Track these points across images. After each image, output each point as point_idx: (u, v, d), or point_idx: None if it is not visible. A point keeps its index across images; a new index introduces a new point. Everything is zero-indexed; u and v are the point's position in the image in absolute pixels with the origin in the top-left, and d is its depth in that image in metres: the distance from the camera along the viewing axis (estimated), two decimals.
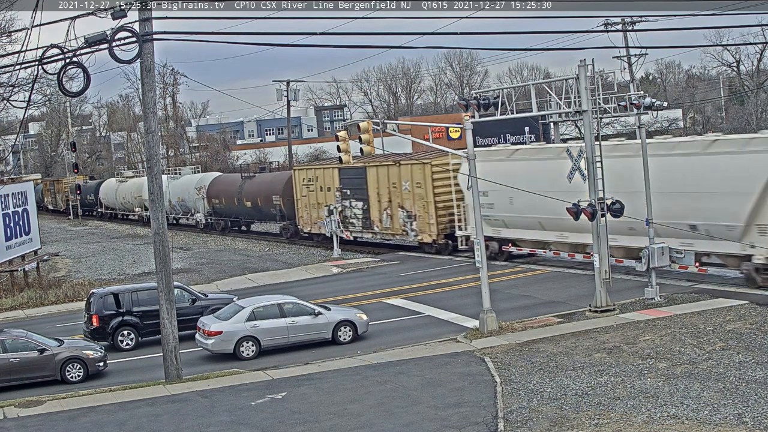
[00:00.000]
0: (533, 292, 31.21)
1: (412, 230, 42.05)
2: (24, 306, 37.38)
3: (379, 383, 20.75)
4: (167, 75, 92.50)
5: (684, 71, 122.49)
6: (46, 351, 24.26)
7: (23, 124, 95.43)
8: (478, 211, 26.21)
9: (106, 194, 79.62)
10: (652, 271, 27.28)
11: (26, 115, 60.97)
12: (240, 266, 44.58)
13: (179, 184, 64.41)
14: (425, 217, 41.00)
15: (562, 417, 17.16)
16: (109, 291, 29.15)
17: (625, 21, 57.45)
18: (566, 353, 21.93)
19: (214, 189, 59.46)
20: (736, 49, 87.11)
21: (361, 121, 26.98)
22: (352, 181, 46.07)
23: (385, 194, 43.79)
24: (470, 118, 26.95)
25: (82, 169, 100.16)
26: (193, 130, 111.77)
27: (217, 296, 31.06)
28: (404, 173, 42.08)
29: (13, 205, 42.34)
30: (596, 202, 26.08)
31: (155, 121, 23.02)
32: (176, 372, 22.83)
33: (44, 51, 20.95)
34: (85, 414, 20.14)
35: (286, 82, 72.88)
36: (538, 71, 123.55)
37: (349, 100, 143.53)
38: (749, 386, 17.99)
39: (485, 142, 59.50)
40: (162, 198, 23.36)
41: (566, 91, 27.07)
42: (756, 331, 22.34)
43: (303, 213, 50.14)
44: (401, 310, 30.41)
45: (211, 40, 23.07)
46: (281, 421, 18.40)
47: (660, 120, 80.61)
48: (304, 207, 49.97)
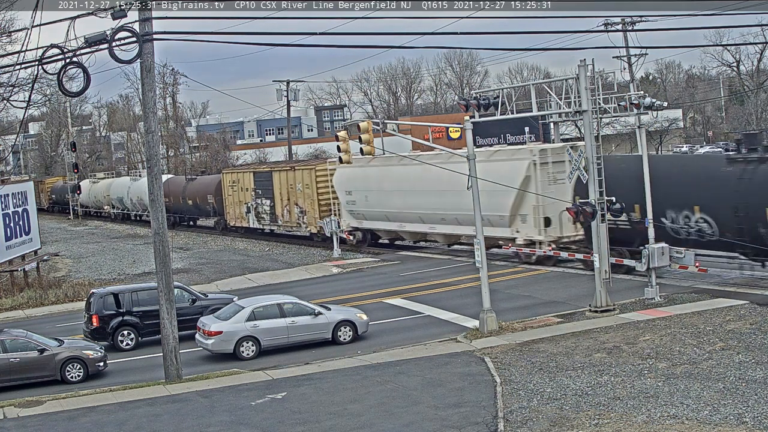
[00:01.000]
0: (533, 292, 31.21)
1: (304, 223, 49.79)
2: (24, 306, 37.38)
3: (379, 383, 20.75)
4: (167, 75, 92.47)
5: (684, 71, 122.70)
6: (46, 351, 24.25)
7: (23, 124, 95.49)
8: (478, 211, 26.18)
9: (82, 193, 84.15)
10: (652, 271, 27.28)
11: (26, 115, 61.14)
12: (240, 266, 44.58)
13: (138, 185, 70.36)
14: (312, 212, 48.68)
15: (562, 417, 17.16)
16: (109, 291, 29.14)
17: (625, 21, 57.44)
18: (566, 353, 21.93)
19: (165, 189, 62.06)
20: (736, 49, 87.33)
21: (361, 121, 26.98)
22: (263, 183, 53.37)
23: (285, 194, 51.35)
24: (470, 118, 26.97)
25: (82, 169, 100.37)
26: (193, 130, 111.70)
27: (217, 296, 31.07)
28: (298, 177, 49.72)
29: (13, 205, 42.35)
30: (596, 202, 26.10)
31: (155, 121, 23.02)
32: (176, 372, 22.83)
33: (44, 51, 20.96)
34: (85, 414, 20.14)
35: (286, 82, 72.91)
36: (538, 71, 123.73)
37: (349, 100, 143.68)
38: (749, 386, 17.99)
39: (485, 142, 59.58)
40: (162, 198, 23.37)
41: (566, 91, 27.08)
42: (756, 331, 22.35)
43: (230, 209, 58.44)
44: (401, 310, 30.41)
45: (211, 40, 23.09)
46: (281, 421, 18.40)
47: (660, 120, 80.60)
48: (230, 204, 58.20)
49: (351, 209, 45.29)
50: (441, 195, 38.34)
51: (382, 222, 44.42)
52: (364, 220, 45.34)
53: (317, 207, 47.93)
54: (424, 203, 40.23)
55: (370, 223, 45.13)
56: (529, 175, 34.84)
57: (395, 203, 42.17)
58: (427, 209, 40.30)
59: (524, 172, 34.92)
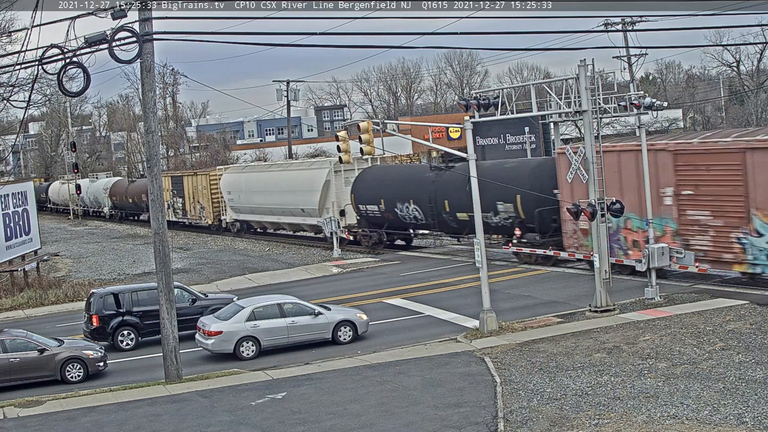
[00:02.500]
0: (533, 292, 31.21)
1: (203, 216, 63.24)
2: (24, 306, 37.38)
3: (379, 383, 20.75)
4: (167, 75, 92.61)
5: (684, 71, 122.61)
6: (46, 351, 24.26)
7: (23, 124, 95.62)
8: (478, 211, 26.20)
9: (53, 193, 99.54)
10: (652, 271, 27.29)
11: (26, 115, 61.31)
12: (240, 266, 44.59)
13: (95, 185, 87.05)
14: (208, 207, 62.28)
15: (562, 417, 17.16)
16: (109, 291, 29.13)
17: (625, 21, 57.47)
18: (566, 353, 21.93)
19: (113, 190, 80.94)
20: (736, 49, 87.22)
21: (361, 121, 26.98)
22: (177, 185, 67.11)
23: (191, 193, 65.12)
24: (470, 118, 26.96)
25: (82, 169, 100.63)
26: (193, 130, 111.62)
27: (217, 296, 31.06)
28: (199, 180, 63.55)
29: (13, 205, 42.36)
30: (596, 202, 26.11)
31: (155, 121, 23.01)
32: (176, 372, 22.82)
33: (44, 51, 20.95)
34: (85, 414, 20.14)
35: (286, 82, 72.94)
36: (538, 71, 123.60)
37: (349, 100, 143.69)
38: (749, 386, 17.99)
39: (485, 142, 59.51)
40: (161, 198, 23.36)
41: (566, 91, 27.07)
42: (756, 331, 22.35)
43: None
44: (401, 310, 30.41)
45: (211, 40, 23.06)
46: (281, 421, 18.40)
47: (660, 120, 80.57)
48: None
49: (232, 205, 58.75)
50: (282, 195, 51.40)
51: (251, 215, 57.26)
52: (240, 213, 58.25)
53: (211, 204, 61.85)
54: (275, 200, 52.66)
55: (244, 216, 58.00)
56: (328, 179, 47.53)
57: (257, 200, 55.00)
58: (276, 205, 52.68)
59: (325, 177, 47.66)
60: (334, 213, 46.69)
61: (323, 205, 47.91)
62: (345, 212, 47.03)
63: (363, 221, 46.02)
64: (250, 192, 55.39)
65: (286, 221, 53.17)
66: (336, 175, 47.31)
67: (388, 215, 43.10)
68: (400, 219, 42.84)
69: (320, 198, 47.83)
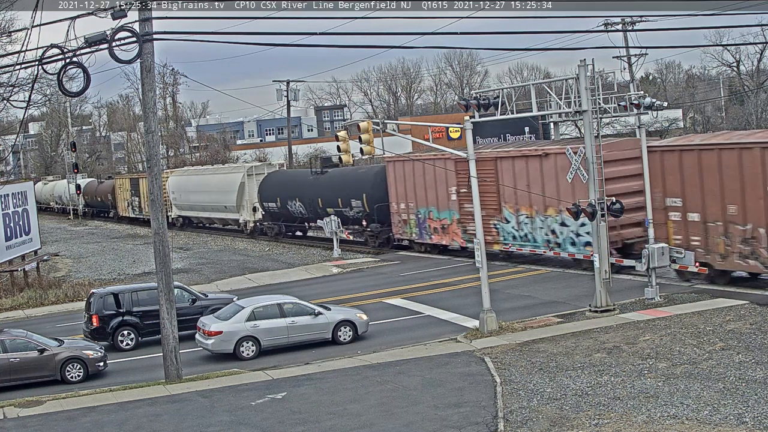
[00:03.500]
0: (533, 292, 31.22)
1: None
2: (24, 306, 37.38)
3: (379, 383, 20.75)
4: (167, 75, 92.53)
5: (684, 71, 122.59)
6: (46, 351, 24.26)
7: (23, 124, 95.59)
8: (478, 211, 26.20)
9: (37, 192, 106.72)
10: (652, 271, 27.30)
11: (26, 115, 61.23)
12: (240, 266, 44.60)
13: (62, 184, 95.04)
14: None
15: (562, 417, 17.16)
16: (109, 291, 29.14)
17: (625, 21, 57.43)
18: (566, 353, 21.94)
19: (86, 189, 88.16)
20: (736, 49, 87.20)
21: (361, 121, 26.98)
22: (135, 186, 74.00)
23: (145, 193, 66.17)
24: (470, 118, 26.95)
25: (82, 169, 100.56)
26: (193, 130, 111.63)
27: (217, 296, 31.06)
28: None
29: (13, 205, 42.36)
30: (596, 202, 26.12)
31: (155, 121, 23.01)
32: (176, 372, 22.83)
33: (44, 51, 20.95)
34: (85, 414, 20.15)
35: (286, 82, 72.96)
36: (538, 71, 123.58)
37: (349, 100, 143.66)
38: (749, 386, 17.99)
39: (485, 142, 59.48)
40: (161, 197, 23.36)
41: (566, 91, 27.05)
42: (756, 331, 22.35)
43: (119, 204, 79.56)
44: (401, 310, 30.41)
45: (211, 40, 23.07)
46: (281, 421, 18.41)
47: (660, 120, 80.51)
48: (119, 200, 79.42)
49: (175, 203, 66.90)
50: (210, 194, 60.68)
51: (190, 211, 66.03)
52: (182, 210, 67.07)
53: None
54: (205, 199, 61.88)
55: (185, 212, 66.84)
56: (243, 181, 56.47)
57: (193, 199, 64.04)
58: (207, 203, 61.82)
59: (240, 180, 56.79)
60: (248, 209, 56.95)
61: (240, 203, 57.55)
62: (256, 209, 56.51)
63: (267, 216, 55.33)
64: (188, 192, 64.96)
65: (216, 216, 62.62)
66: (249, 178, 56.58)
67: (283, 211, 52.61)
68: (291, 213, 52.26)
69: (237, 197, 57.50)
